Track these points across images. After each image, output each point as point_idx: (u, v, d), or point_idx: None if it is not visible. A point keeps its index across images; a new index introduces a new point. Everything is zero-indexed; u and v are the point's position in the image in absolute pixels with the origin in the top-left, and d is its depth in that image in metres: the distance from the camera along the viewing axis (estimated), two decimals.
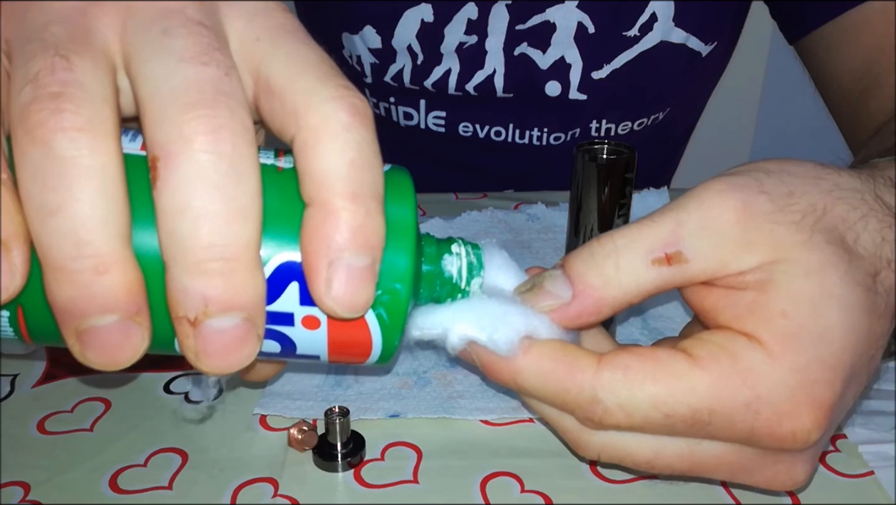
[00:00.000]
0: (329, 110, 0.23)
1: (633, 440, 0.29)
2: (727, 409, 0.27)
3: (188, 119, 0.22)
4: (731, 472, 0.30)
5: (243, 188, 0.22)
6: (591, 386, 0.28)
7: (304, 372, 0.41)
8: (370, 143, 0.24)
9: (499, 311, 0.29)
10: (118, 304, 0.22)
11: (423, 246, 0.29)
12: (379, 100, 0.71)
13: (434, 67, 0.66)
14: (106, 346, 0.22)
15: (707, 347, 0.28)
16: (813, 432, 0.27)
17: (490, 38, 0.64)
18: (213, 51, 0.23)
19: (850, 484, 0.35)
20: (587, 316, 0.29)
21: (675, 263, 0.28)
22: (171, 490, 0.34)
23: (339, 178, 0.23)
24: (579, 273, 0.29)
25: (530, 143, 0.70)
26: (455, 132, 0.70)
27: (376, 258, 0.24)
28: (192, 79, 0.22)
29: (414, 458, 0.36)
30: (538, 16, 0.64)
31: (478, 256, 0.30)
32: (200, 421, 0.35)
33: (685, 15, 0.64)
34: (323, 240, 0.23)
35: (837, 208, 0.28)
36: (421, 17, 0.64)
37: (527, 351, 0.29)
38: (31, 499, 0.34)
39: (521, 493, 0.34)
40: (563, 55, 0.65)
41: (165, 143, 0.22)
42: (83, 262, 0.21)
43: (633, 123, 0.70)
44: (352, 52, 0.69)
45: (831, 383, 0.27)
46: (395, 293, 0.26)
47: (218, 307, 0.22)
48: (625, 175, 0.43)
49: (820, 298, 0.27)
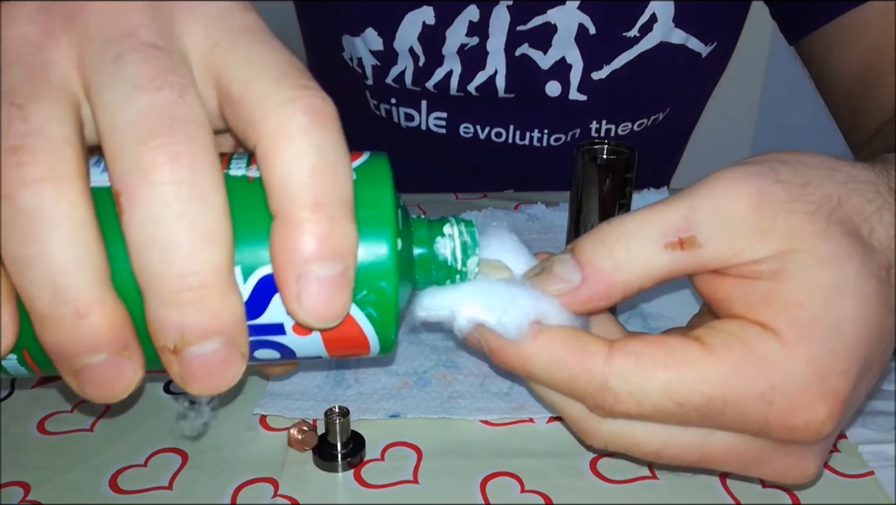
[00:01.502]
0: (285, 114, 0.23)
1: (642, 429, 0.29)
2: (741, 398, 0.27)
3: (145, 151, 0.22)
4: (741, 464, 0.30)
5: (208, 212, 0.22)
6: (601, 373, 0.27)
7: (304, 372, 0.41)
8: (333, 144, 0.23)
9: (508, 294, 0.28)
10: (104, 342, 0.22)
11: (414, 230, 0.28)
12: (380, 101, 0.71)
13: (436, 69, 0.66)
14: (101, 381, 0.23)
15: (721, 336, 0.27)
16: (827, 424, 0.27)
17: (491, 39, 0.64)
18: (166, 73, 0.23)
19: (850, 484, 0.35)
20: (597, 300, 0.28)
21: (688, 247, 0.27)
22: (171, 490, 0.34)
23: (300, 187, 0.23)
24: (589, 257, 0.28)
25: (531, 145, 0.70)
26: (456, 133, 0.70)
27: (348, 264, 0.23)
28: (146, 107, 0.22)
29: (414, 458, 0.36)
30: (539, 17, 0.64)
31: (471, 233, 0.29)
32: (197, 438, 0.35)
33: (685, 16, 0.64)
34: (289, 254, 0.23)
35: (852, 200, 0.28)
36: (422, 20, 0.64)
37: (536, 336, 0.28)
38: (31, 499, 0.34)
39: (521, 493, 0.34)
40: (563, 56, 0.65)
41: (126, 177, 0.22)
42: (64, 307, 0.22)
43: (634, 124, 0.70)
44: (352, 55, 0.69)
45: (846, 375, 0.27)
46: (381, 291, 0.25)
47: (195, 335, 0.22)
48: (625, 175, 0.43)
49: (835, 289, 0.27)
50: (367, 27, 0.66)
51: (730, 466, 0.30)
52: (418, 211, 0.61)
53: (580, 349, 0.28)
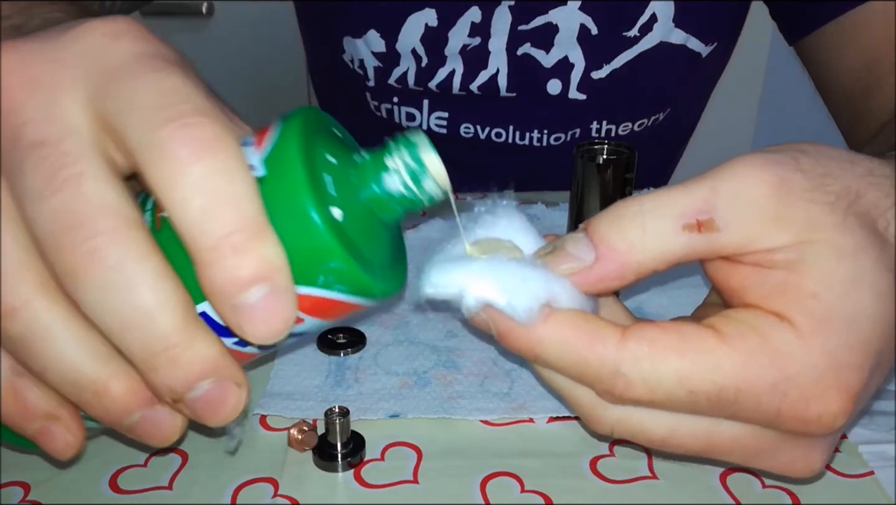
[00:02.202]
0: (164, 157, 0.23)
1: (649, 416, 0.28)
2: (754, 389, 0.27)
3: (66, 257, 0.23)
4: (747, 455, 0.29)
5: (148, 279, 0.24)
6: (613, 358, 0.27)
7: (304, 372, 0.41)
8: (219, 169, 0.23)
9: (519, 274, 0.28)
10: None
11: (360, 174, 0.27)
12: (381, 102, 0.71)
13: (438, 69, 0.66)
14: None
15: (735, 325, 0.27)
16: (839, 417, 0.27)
17: (493, 39, 0.65)
18: (59, 171, 0.23)
19: (850, 484, 0.35)
20: (609, 280, 0.28)
21: (705, 230, 0.27)
22: (171, 490, 0.34)
23: (196, 230, 0.23)
24: (603, 235, 0.28)
25: (530, 144, 0.70)
26: (456, 133, 0.70)
27: (274, 279, 0.24)
28: (51, 216, 0.23)
29: (414, 458, 0.36)
30: (541, 17, 0.64)
31: (415, 157, 0.27)
32: (234, 453, 0.36)
33: (685, 16, 0.64)
34: (212, 292, 0.24)
35: (870, 194, 0.28)
36: (425, 21, 0.64)
37: (547, 320, 0.28)
38: (31, 499, 0.34)
39: (521, 493, 0.34)
40: (566, 55, 0.65)
41: (64, 278, 0.24)
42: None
43: (634, 124, 0.70)
44: (353, 56, 0.69)
45: (860, 369, 0.27)
46: (336, 270, 0.25)
47: (188, 386, 0.25)
48: (625, 175, 0.43)
49: (852, 282, 0.26)
50: (370, 29, 0.66)
51: (735, 457, 0.30)
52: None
53: (592, 333, 0.27)
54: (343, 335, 0.44)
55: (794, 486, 0.34)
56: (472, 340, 0.44)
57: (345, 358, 0.43)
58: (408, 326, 0.45)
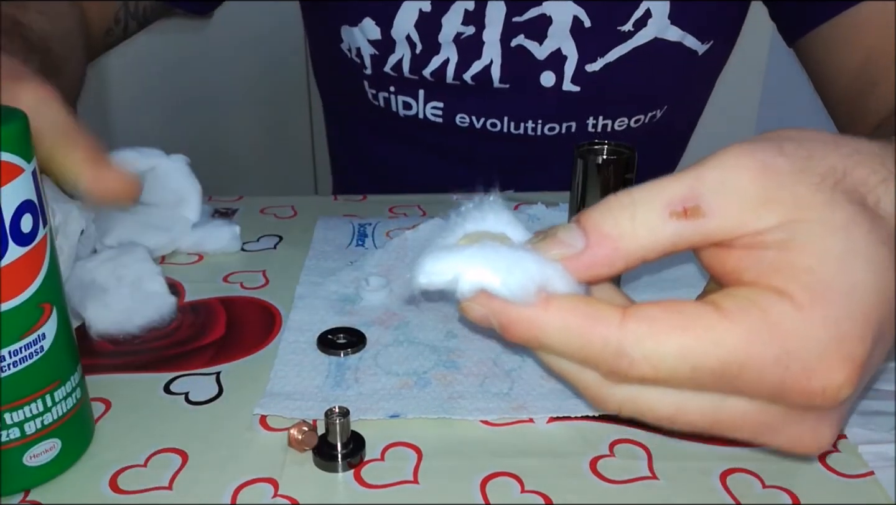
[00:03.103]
0: None
1: (656, 394, 0.29)
2: (757, 363, 0.27)
3: None
4: (754, 431, 0.29)
5: None
6: (616, 339, 0.27)
7: (304, 372, 0.41)
8: None
9: (512, 256, 0.28)
10: None
11: None
12: (378, 90, 0.72)
13: (432, 57, 0.67)
14: None
15: (735, 301, 0.27)
16: (844, 388, 0.27)
17: (487, 30, 0.65)
18: None
19: (850, 484, 0.35)
20: (599, 267, 0.28)
21: (692, 216, 0.27)
22: (171, 490, 0.34)
23: None
24: (594, 223, 0.28)
25: (525, 134, 0.71)
26: (452, 122, 0.71)
27: None
28: None
29: (414, 458, 0.36)
30: (535, 8, 0.64)
31: None
32: None
33: (681, 14, 0.64)
34: None
35: (857, 171, 0.28)
36: (419, 8, 0.66)
37: (547, 307, 0.28)
38: (31, 499, 0.34)
39: (521, 493, 0.34)
40: (559, 47, 0.66)
41: None
42: None
43: (630, 120, 0.70)
44: (350, 45, 0.70)
45: (862, 340, 0.27)
46: None
47: None
48: (625, 175, 0.43)
49: (846, 255, 0.27)
50: (365, 17, 0.67)
51: (743, 434, 0.30)
52: (418, 211, 0.61)
53: (592, 316, 0.28)
54: (343, 335, 0.44)
55: (793, 486, 0.34)
56: (472, 341, 0.44)
57: (345, 358, 0.43)
58: (408, 326, 0.45)
